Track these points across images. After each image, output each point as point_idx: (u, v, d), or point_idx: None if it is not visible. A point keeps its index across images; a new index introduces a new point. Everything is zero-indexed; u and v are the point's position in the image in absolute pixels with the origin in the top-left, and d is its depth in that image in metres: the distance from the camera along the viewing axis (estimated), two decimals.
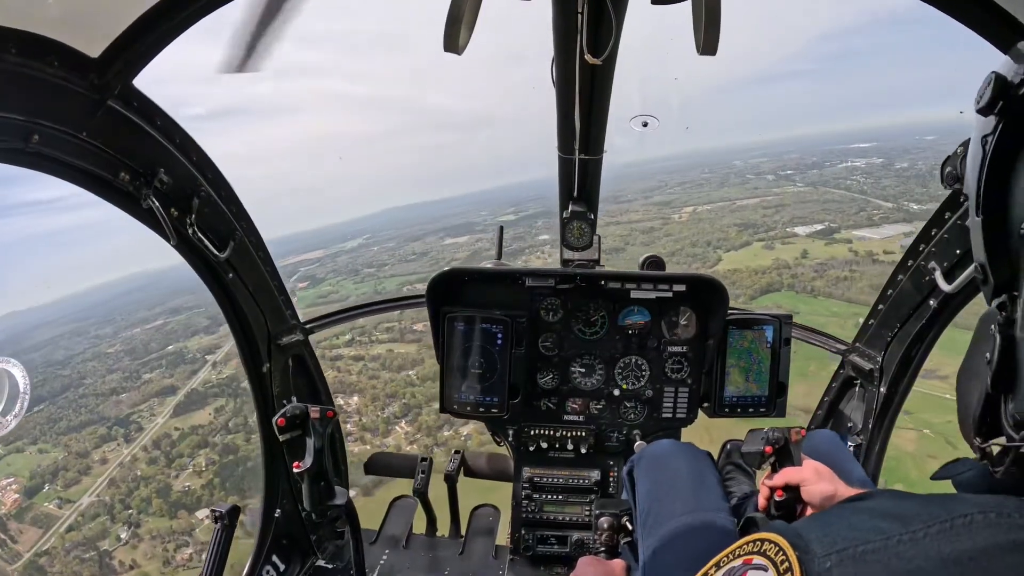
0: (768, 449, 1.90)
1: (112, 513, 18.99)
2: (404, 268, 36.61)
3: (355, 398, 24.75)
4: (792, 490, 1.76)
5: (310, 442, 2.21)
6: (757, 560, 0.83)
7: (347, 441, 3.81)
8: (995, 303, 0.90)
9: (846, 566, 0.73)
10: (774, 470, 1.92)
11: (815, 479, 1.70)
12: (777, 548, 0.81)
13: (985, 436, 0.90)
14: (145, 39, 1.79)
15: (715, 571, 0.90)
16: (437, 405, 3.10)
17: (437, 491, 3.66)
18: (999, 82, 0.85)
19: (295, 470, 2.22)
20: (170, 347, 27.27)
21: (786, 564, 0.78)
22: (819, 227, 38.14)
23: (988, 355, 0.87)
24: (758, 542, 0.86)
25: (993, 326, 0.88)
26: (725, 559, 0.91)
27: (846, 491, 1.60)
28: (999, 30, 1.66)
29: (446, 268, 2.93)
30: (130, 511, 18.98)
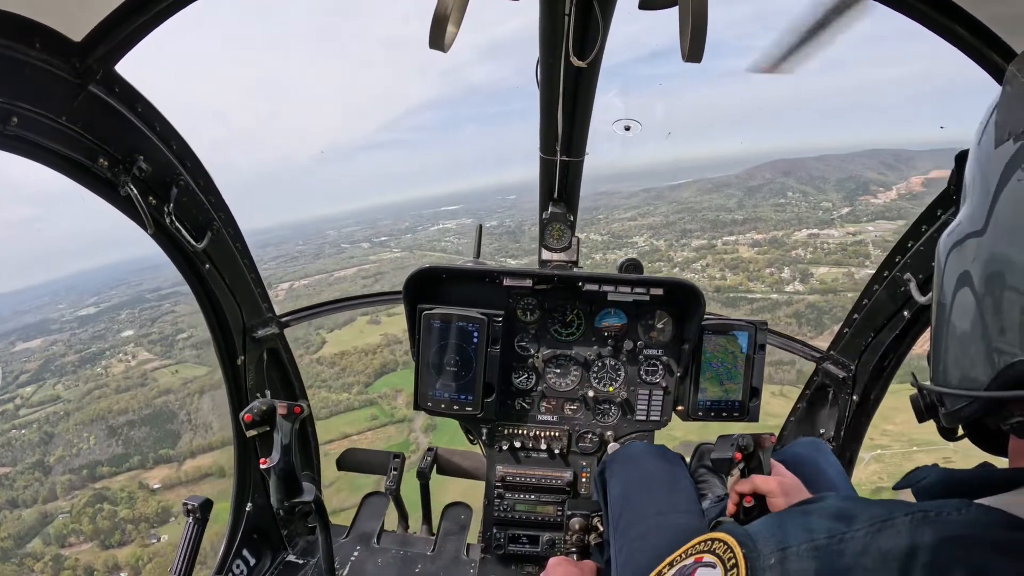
0: (738, 456, 1.91)
1: None
2: None
3: None
4: (761, 497, 1.79)
5: (277, 438, 2.19)
6: (707, 558, 0.87)
7: None
8: None
9: (789, 562, 0.77)
10: (744, 476, 1.94)
11: (779, 493, 1.73)
12: (726, 546, 0.85)
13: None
14: (129, 24, 1.80)
15: (668, 569, 0.94)
16: None
17: (409, 489, 3.66)
18: None
19: (262, 466, 2.19)
20: None
21: (733, 561, 0.82)
22: None
23: None
24: (709, 541, 0.90)
25: None
26: (678, 558, 0.94)
27: None
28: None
29: (425, 266, 2.95)
30: None
